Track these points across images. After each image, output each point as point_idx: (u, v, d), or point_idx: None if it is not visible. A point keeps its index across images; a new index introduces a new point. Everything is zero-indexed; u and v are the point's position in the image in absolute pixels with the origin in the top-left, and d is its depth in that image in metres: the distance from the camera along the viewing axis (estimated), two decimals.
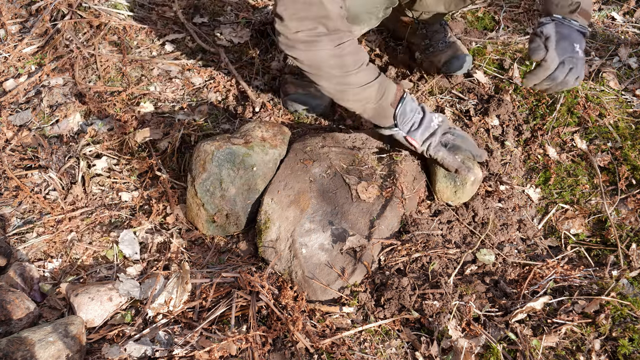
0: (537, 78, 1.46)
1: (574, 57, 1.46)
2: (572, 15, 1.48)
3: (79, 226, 1.61)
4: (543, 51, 1.46)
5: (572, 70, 1.45)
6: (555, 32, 1.47)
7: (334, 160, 1.59)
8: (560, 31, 1.47)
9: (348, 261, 1.43)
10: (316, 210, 1.49)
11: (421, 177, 1.63)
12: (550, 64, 1.44)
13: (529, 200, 1.70)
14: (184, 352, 1.26)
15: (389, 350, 1.33)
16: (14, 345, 1.20)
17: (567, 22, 1.49)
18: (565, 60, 1.45)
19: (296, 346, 1.30)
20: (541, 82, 1.47)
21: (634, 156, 1.71)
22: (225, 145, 1.56)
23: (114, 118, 1.87)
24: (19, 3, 2.28)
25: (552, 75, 1.44)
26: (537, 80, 1.46)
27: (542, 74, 1.45)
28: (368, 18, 1.57)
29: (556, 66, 1.44)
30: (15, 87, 2.00)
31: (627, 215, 1.62)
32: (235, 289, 1.40)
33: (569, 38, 1.47)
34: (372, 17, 1.57)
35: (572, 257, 1.55)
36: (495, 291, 1.42)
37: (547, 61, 1.45)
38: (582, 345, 1.29)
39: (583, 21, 1.50)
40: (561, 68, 1.44)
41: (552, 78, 1.45)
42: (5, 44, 2.13)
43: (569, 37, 1.47)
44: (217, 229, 1.58)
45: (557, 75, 1.44)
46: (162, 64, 2.08)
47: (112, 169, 1.76)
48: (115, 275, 1.49)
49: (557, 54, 1.45)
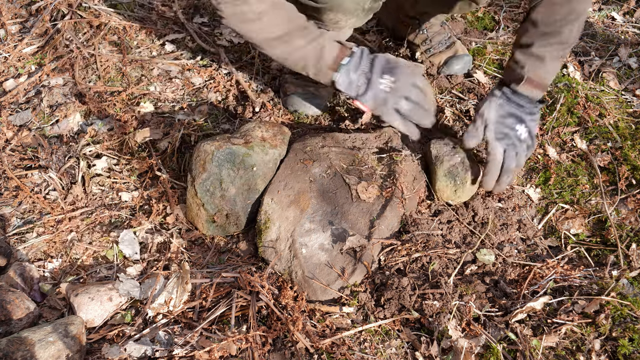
0: (492, 176, 1.47)
1: (514, 141, 1.45)
2: (518, 85, 1.45)
3: (79, 226, 1.61)
4: (476, 140, 1.47)
5: (517, 154, 1.46)
6: (496, 114, 1.47)
7: (334, 160, 1.59)
8: (501, 112, 1.47)
9: (348, 261, 1.43)
10: (316, 210, 1.49)
11: (421, 177, 1.63)
12: (496, 155, 1.45)
13: (529, 200, 1.70)
14: (184, 352, 1.26)
15: (389, 350, 1.33)
16: (14, 345, 1.20)
17: (514, 95, 1.47)
18: (507, 148, 1.46)
19: (296, 346, 1.30)
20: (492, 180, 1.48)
21: (634, 156, 1.71)
22: (225, 145, 1.56)
23: (114, 118, 1.87)
24: (19, 3, 2.28)
25: (504, 170, 1.46)
26: (492, 178, 1.47)
27: (494, 169, 1.46)
28: (354, 8, 1.48)
29: (502, 157, 1.45)
30: (15, 87, 2.00)
31: (627, 215, 1.62)
32: (235, 289, 1.40)
33: (509, 120, 1.46)
34: (359, 8, 1.49)
35: (572, 257, 1.55)
36: (495, 291, 1.42)
37: (490, 153, 1.46)
38: (582, 345, 1.29)
39: (532, 91, 1.46)
40: (506, 159, 1.45)
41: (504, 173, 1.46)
42: (5, 44, 2.13)
43: (509, 119, 1.46)
44: (217, 229, 1.58)
45: (505, 168, 1.46)
46: (162, 64, 2.08)
47: (112, 169, 1.76)
48: (115, 275, 1.49)
49: (499, 143, 1.45)
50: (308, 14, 1.55)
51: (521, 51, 1.45)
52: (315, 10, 1.51)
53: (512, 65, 1.47)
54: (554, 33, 1.39)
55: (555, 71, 1.48)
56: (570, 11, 1.37)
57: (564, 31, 1.39)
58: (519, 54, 1.45)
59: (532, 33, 1.41)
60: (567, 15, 1.37)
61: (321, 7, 1.48)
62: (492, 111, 1.48)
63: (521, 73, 1.44)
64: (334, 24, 1.57)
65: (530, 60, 1.43)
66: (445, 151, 1.60)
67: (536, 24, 1.40)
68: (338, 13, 1.51)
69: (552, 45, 1.41)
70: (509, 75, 1.49)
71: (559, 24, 1.38)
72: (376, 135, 1.69)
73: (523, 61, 1.44)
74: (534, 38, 1.41)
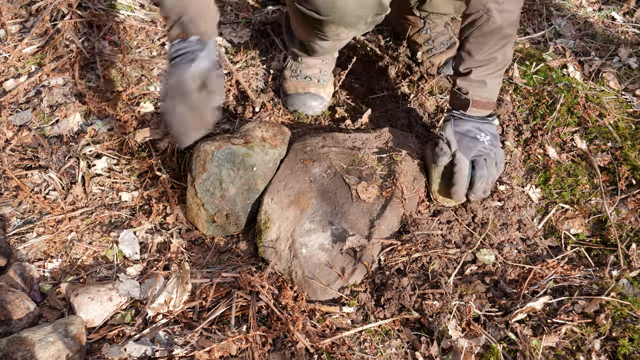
0: (460, 186, 1.51)
1: (481, 150, 1.51)
2: (467, 110, 1.54)
3: (79, 226, 1.61)
4: (447, 156, 1.52)
5: (486, 161, 1.50)
6: (454, 133, 1.54)
7: (334, 160, 1.59)
8: (458, 131, 1.54)
9: (348, 261, 1.43)
10: (316, 210, 1.49)
11: (421, 177, 1.63)
12: (461, 165, 1.50)
13: (529, 200, 1.70)
14: (184, 352, 1.26)
15: (389, 350, 1.33)
16: (14, 345, 1.20)
17: (465, 116, 1.55)
18: (476, 158, 1.50)
19: (296, 346, 1.30)
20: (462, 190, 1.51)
21: (634, 156, 1.71)
22: (225, 145, 1.56)
23: (114, 118, 1.87)
24: (19, 3, 2.28)
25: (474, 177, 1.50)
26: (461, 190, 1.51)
27: (461, 179, 1.50)
28: (356, 21, 1.52)
29: (468, 167, 1.50)
30: (15, 87, 2.00)
31: (627, 215, 1.62)
32: (235, 289, 1.40)
33: (469, 134, 1.53)
34: (361, 21, 1.52)
35: (572, 257, 1.55)
36: (495, 291, 1.42)
37: (456, 165, 1.50)
38: (582, 345, 1.29)
39: (480, 112, 1.54)
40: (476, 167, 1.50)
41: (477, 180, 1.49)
42: (5, 44, 2.13)
43: (469, 133, 1.53)
44: (217, 229, 1.58)
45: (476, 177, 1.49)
46: (162, 64, 2.08)
47: (112, 169, 1.76)
48: (115, 275, 1.49)
49: (464, 155, 1.51)
50: (310, 25, 1.57)
51: (462, 79, 1.55)
52: (317, 22, 1.52)
53: (455, 92, 1.58)
54: (489, 60, 1.51)
55: (499, 87, 1.58)
56: (500, 38, 1.48)
57: (497, 56, 1.51)
58: (460, 82, 1.56)
59: (469, 62, 1.52)
60: (498, 42, 1.48)
61: (323, 20, 1.50)
62: (450, 132, 1.55)
63: (466, 98, 1.54)
64: (335, 35, 1.59)
65: (472, 87, 1.54)
66: (441, 153, 1.60)
67: (471, 53, 1.51)
68: (340, 26, 1.53)
69: (490, 69, 1.52)
70: (455, 102, 1.59)
71: (492, 52, 1.50)
72: (376, 135, 1.69)
73: (465, 88, 1.55)
74: (471, 66, 1.52)
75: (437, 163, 1.55)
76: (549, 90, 1.92)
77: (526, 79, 2.00)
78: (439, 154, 1.54)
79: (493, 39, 1.48)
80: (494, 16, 1.44)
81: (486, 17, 1.45)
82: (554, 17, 2.31)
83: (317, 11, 1.48)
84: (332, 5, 1.44)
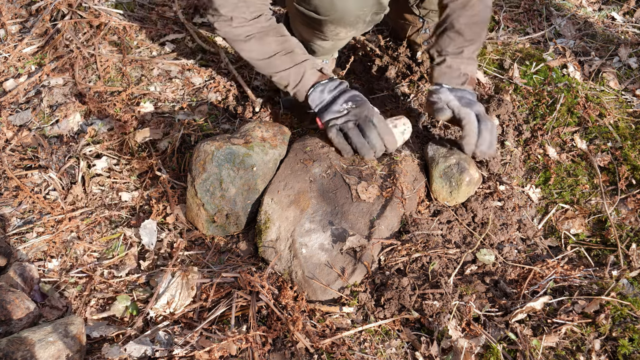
0: (472, 136, 1.54)
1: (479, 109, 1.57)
2: (463, 86, 1.61)
3: (79, 226, 1.61)
4: (449, 111, 1.58)
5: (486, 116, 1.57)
6: (453, 95, 1.60)
7: (334, 160, 1.59)
8: (455, 94, 1.60)
9: (348, 261, 1.43)
10: (316, 210, 1.49)
11: (421, 177, 1.63)
12: (470, 117, 1.54)
13: (529, 200, 1.70)
14: (184, 352, 1.26)
15: (389, 350, 1.33)
16: (14, 345, 1.20)
17: (456, 90, 1.61)
18: (477, 113, 1.56)
19: (296, 346, 1.30)
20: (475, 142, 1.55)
21: (634, 156, 1.71)
22: (225, 145, 1.56)
23: (114, 118, 1.87)
24: (19, 3, 2.28)
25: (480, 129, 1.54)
26: (473, 140, 1.54)
27: (473, 129, 1.54)
28: (355, 21, 1.53)
29: (476, 119, 1.55)
30: (15, 87, 2.00)
31: (627, 215, 1.62)
32: (235, 289, 1.40)
33: (465, 98, 1.59)
34: (359, 21, 1.54)
35: (572, 257, 1.55)
36: (495, 291, 1.42)
37: (464, 118, 1.55)
38: (582, 345, 1.29)
39: (471, 89, 1.62)
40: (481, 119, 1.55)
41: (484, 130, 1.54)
42: (5, 44, 2.13)
43: (464, 97, 1.59)
44: (217, 229, 1.58)
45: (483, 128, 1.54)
46: (162, 64, 2.08)
47: (112, 169, 1.76)
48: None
49: (468, 109, 1.56)
50: (310, 26, 1.58)
51: (453, 57, 1.61)
52: (316, 22, 1.52)
53: (446, 70, 1.62)
54: (477, 39, 1.61)
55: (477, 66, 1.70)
56: (487, 16, 1.60)
57: (482, 35, 1.62)
58: (452, 60, 1.61)
59: (461, 42, 1.59)
60: (485, 21, 1.60)
61: (323, 20, 1.51)
62: (448, 93, 1.60)
63: (465, 74, 1.61)
64: (334, 35, 1.60)
65: (464, 63, 1.61)
66: (441, 153, 1.60)
67: (462, 33, 1.58)
68: (338, 26, 1.54)
69: (477, 47, 1.63)
70: (446, 78, 1.62)
71: (479, 30, 1.60)
72: None
73: (457, 64, 1.60)
74: (463, 45, 1.60)
75: (438, 117, 1.60)
76: (549, 90, 1.92)
77: (526, 79, 2.00)
78: (441, 109, 1.57)
79: (482, 18, 1.58)
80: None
81: None
82: (554, 17, 2.31)
83: (315, 11, 1.48)
84: (331, 5, 1.44)
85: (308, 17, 1.52)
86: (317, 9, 1.47)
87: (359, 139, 1.53)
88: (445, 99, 1.58)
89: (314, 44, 1.72)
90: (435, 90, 1.62)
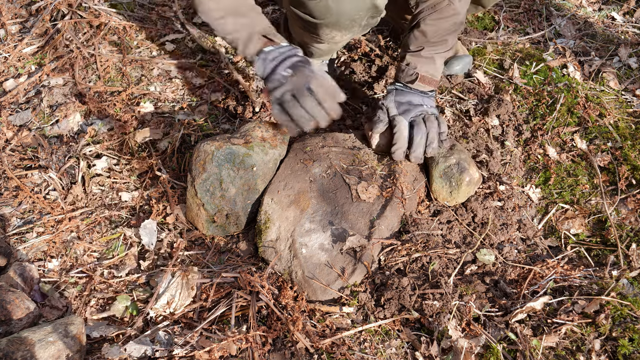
0: (400, 145, 1.56)
1: (420, 111, 1.59)
2: (413, 84, 1.62)
3: (79, 226, 1.61)
4: (383, 124, 1.60)
5: (424, 119, 1.58)
6: (394, 101, 1.62)
7: (334, 160, 1.59)
8: (398, 100, 1.62)
9: (348, 261, 1.43)
10: (316, 210, 1.49)
11: (421, 177, 1.63)
12: (400, 126, 1.57)
13: (529, 200, 1.70)
14: (184, 352, 1.26)
15: (389, 350, 1.33)
16: (14, 345, 1.20)
17: (407, 89, 1.63)
18: (414, 119, 1.58)
19: (296, 346, 1.30)
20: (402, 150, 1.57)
21: (634, 156, 1.71)
22: (225, 145, 1.56)
23: (114, 118, 1.87)
24: (19, 3, 2.28)
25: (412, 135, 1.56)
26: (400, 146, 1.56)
27: (401, 138, 1.56)
28: (350, 25, 1.53)
29: (407, 127, 1.57)
30: (15, 87, 2.00)
31: (627, 215, 1.62)
32: (235, 289, 1.40)
33: (410, 103, 1.61)
34: (355, 25, 1.54)
35: (572, 257, 1.55)
36: (495, 291, 1.42)
37: (395, 125, 1.58)
38: (582, 345, 1.29)
39: (424, 87, 1.63)
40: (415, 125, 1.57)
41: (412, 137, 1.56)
42: (5, 44, 2.13)
43: (410, 102, 1.61)
44: (217, 229, 1.58)
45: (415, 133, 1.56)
46: (162, 64, 2.08)
47: (112, 169, 1.76)
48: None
49: (403, 117, 1.59)
50: (306, 29, 1.59)
51: (412, 55, 1.63)
52: (312, 25, 1.53)
53: (403, 67, 1.64)
54: (441, 42, 1.61)
55: (442, 68, 1.68)
56: (454, 23, 1.59)
57: (448, 39, 1.62)
58: (410, 57, 1.63)
59: (422, 41, 1.61)
60: (452, 26, 1.60)
61: (318, 23, 1.51)
62: (391, 100, 1.63)
63: (415, 72, 1.62)
64: (330, 38, 1.60)
65: (420, 62, 1.62)
66: (441, 153, 1.60)
67: (426, 34, 1.59)
68: (334, 30, 1.54)
69: (440, 49, 1.63)
70: (400, 75, 1.65)
71: (445, 34, 1.60)
72: None
73: (414, 62, 1.62)
74: (424, 44, 1.61)
75: (373, 131, 1.61)
76: (549, 90, 1.92)
77: (526, 79, 2.00)
78: (376, 122, 1.60)
79: (449, 23, 1.58)
80: (455, 3, 1.54)
81: (447, 2, 1.54)
82: (554, 17, 2.31)
83: (311, 14, 1.48)
84: (326, 9, 1.44)
85: (304, 20, 1.52)
86: (312, 12, 1.47)
87: (295, 110, 1.42)
88: (387, 105, 1.62)
89: (311, 46, 1.72)
90: (385, 97, 1.65)
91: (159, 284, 1.42)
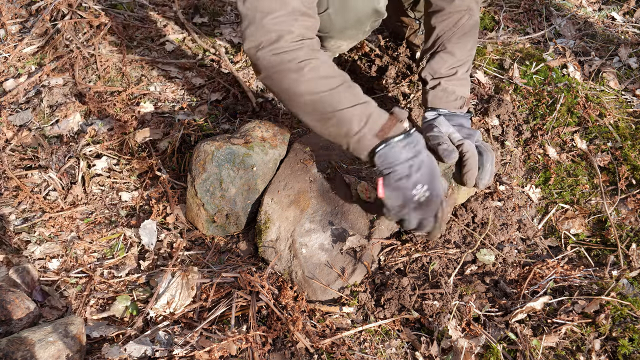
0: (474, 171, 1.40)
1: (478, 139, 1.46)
2: (460, 110, 1.52)
3: (79, 226, 1.61)
4: (456, 152, 1.39)
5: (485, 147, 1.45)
6: (452, 127, 1.46)
7: (334, 160, 1.59)
8: (454, 124, 1.48)
9: (348, 261, 1.43)
10: (316, 210, 1.49)
11: None
12: (473, 151, 1.40)
13: (529, 200, 1.70)
14: (184, 352, 1.26)
15: (389, 350, 1.33)
16: (14, 345, 1.20)
17: (452, 113, 1.51)
18: (477, 145, 1.44)
19: (296, 346, 1.30)
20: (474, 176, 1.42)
21: (634, 156, 1.71)
22: (225, 145, 1.56)
23: (114, 118, 1.87)
24: (19, 3, 2.28)
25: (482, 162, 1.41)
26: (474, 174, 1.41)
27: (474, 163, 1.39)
28: (355, 34, 1.53)
29: (476, 153, 1.41)
30: (15, 87, 2.00)
31: (627, 215, 1.62)
32: (235, 289, 1.40)
33: (463, 126, 1.49)
34: (359, 32, 1.53)
35: (572, 257, 1.55)
36: (495, 291, 1.42)
37: (468, 150, 1.40)
38: (582, 345, 1.29)
39: (464, 110, 1.54)
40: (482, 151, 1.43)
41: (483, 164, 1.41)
42: (5, 44, 2.13)
43: (462, 125, 1.49)
44: (217, 229, 1.58)
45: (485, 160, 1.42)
46: (162, 64, 2.08)
47: (112, 169, 1.76)
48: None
49: (469, 141, 1.43)
50: None
51: (447, 80, 1.53)
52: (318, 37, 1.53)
53: (442, 95, 1.52)
54: (468, 59, 1.56)
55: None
56: (476, 34, 1.55)
57: (473, 53, 1.57)
58: (447, 83, 1.53)
59: (452, 62, 1.53)
60: (475, 38, 1.55)
61: (324, 36, 1.51)
62: (447, 126, 1.47)
63: (458, 98, 1.53)
64: (336, 48, 1.60)
65: (457, 85, 1.53)
66: (449, 151, 1.59)
67: (454, 54, 1.53)
68: (339, 40, 1.55)
69: (469, 66, 1.57)
70: (442, 103, 1.53)
71: (471, 48, 1.55)
72: None
73: (452, 88, 1.52)
74: (455, 65, 1.53)
75: (447, 163, 1.39)
76: (549, 90, 1.92)
77: (526, 79, 2.00)
78: (448, 153, 1.36)
79: (473, 36, 1.53)
80: (475, 13, 1.48)
81: (468, 15, 1.48)
82: (554, 17, 2.31)
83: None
84: (330, 23, 1.44)
85: None
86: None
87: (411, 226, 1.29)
88: (446, 132, 1.43)
89: None
90: (432, 122, 1.48)
91: (159, 284, 1.42)
